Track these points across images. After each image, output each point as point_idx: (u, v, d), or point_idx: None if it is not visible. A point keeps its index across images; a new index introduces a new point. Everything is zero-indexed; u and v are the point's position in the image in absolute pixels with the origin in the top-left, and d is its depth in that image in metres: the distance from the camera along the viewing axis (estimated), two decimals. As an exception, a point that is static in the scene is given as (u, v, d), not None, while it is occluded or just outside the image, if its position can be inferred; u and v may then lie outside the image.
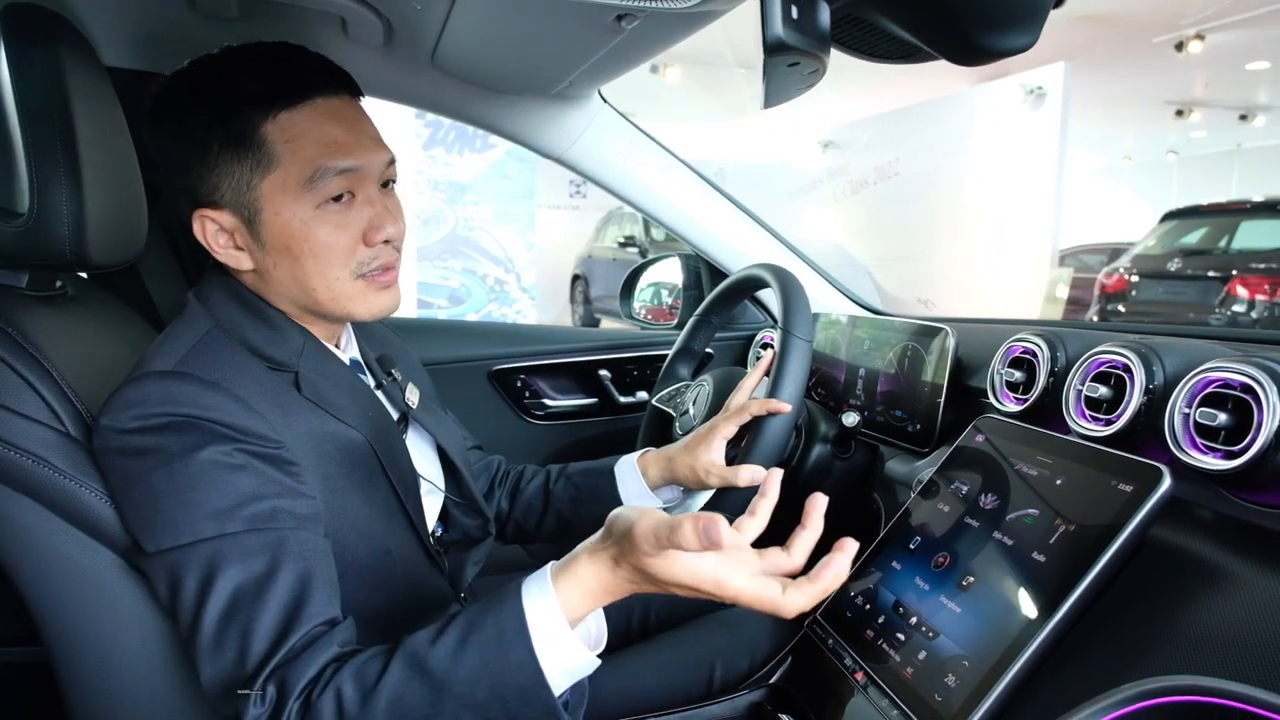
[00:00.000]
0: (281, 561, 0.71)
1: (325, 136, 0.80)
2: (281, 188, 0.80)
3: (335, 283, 0.83)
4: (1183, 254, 6.34)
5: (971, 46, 0.67)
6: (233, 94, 0.79)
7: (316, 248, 0.81)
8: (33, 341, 0.81)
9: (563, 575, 0.67)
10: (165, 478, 0.72)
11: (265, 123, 0.78)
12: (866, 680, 0.81)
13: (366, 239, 0.83)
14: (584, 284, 9.29)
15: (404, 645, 0.67)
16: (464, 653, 0.65)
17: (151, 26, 1.14)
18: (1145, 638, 0.66)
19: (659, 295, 1.88)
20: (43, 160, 0.82)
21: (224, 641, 0.69)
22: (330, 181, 0.80)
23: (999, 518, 0.82)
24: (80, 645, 0.84)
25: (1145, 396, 0.82)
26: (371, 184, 0.84)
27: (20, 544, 0.81)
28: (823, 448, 1.18)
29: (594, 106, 1.41)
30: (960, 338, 1.16)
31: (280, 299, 0.86)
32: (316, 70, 0.82)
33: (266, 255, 0.82)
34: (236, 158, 0.79)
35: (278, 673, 0.67)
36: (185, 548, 0.70)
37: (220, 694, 0.69)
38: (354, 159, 0.81)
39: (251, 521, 0.71)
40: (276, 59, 0.82)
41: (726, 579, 0.65)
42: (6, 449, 0.77)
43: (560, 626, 0.66)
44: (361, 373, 0.95)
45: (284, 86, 0.79)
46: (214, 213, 0.81)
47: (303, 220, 0.80)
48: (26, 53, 0.82)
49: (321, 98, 0.81)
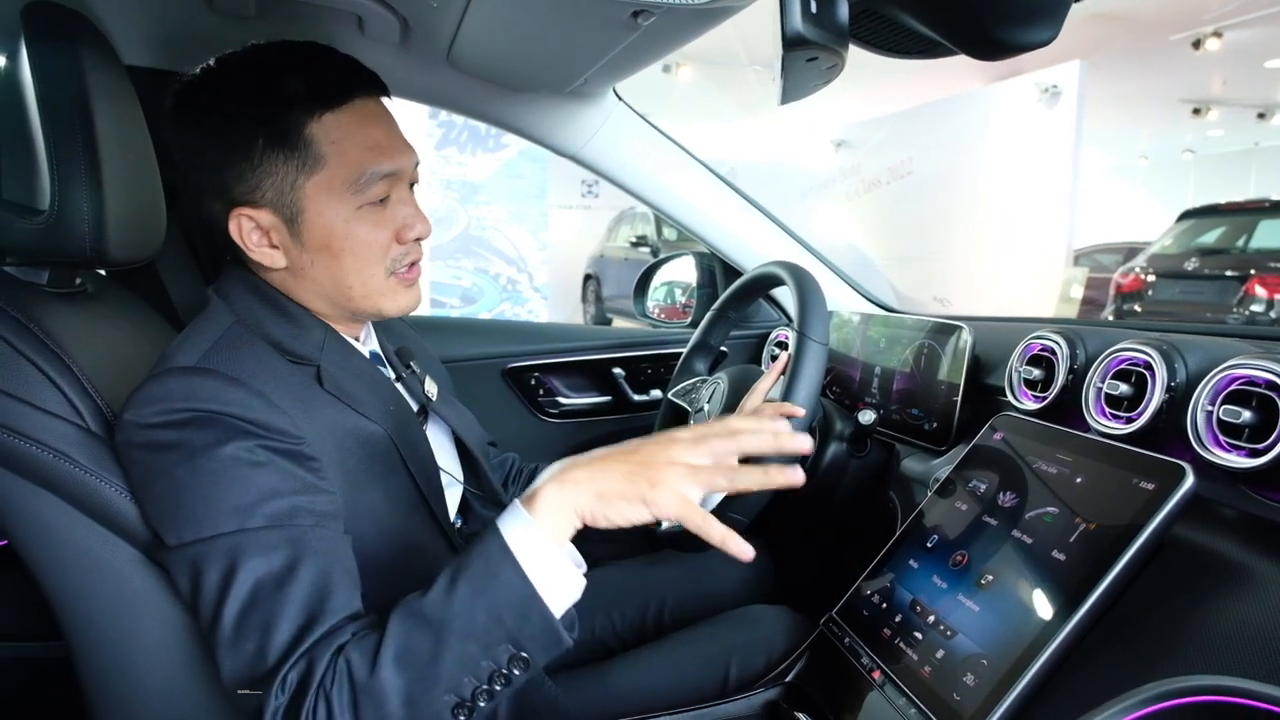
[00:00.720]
0: (302, 557, 0.71)
1: (369, 139, 0.82)
2: (326, 188, 0.81)
3: (370, 279, 0.85)
4: (1200, 253, 6.29)
5: (992, 41, 0.66)
6: (276, 93, 0.79)
7: (356, 246, 0.83)
8: (54, 337, 0.82)
9: (530, 500, 0.70)
10: (188, 472, 0.72)
11: (310, 123, 0.79)
12: (884, 679, 0.81)
13: (399, 237, 0.86)
14: (596, 283, 9.29)
15: (397, 607, 0.69)
16: (455, 589, 0.68)
17: (170, 25, 1.15)
18: (1167, 637, 0.65)
19: (673, 294, 1.87)
20: (64, 158, 0.82)
21: (244, 634, 0.69)
22: (375, 185, 0.82)
23: (1017, 516, 0.82)
24: (100, 640, 0.85)
25: (1167, 394, 0.81)
26: (405, 185, 0.87)
27: (41, 539, 0.82)
28: (838, 446, 1.18)
29: (609, 104, 1.41)
30: (977, 335, 1.15)
31: (309, 296, 0.86)
32: (352, 71, 0.84)
33: (304, 253, 0.83)
34: (281, 157, 0.79)
35: (299, 663, 0.67)
36: (206, 541, 0.71)
37: (241, 686, 0.70)
38: (395, 162, 0.83)
39: (272, 518, 0.72)
40: (311, 58, 0.82)
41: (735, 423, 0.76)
42: (29, 444, 0.78)
43: (539, 538, 0.69)
44: (382, 365, 0.96)
45: (325, 87, 0.80)
46: (253, 211, 0.81)
47: (345, 220, 0.82)
48: (48, 51, 0.83)
49: (360, 99, 0.82)
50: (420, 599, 0.68)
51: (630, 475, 0.70)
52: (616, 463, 0.71)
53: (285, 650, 0.68)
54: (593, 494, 0.69)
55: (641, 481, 0.69)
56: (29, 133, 0.84)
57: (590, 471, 0.71)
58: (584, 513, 0.70)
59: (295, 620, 0.69)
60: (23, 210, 0.84)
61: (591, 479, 0.70)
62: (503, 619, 0.67)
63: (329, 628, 0.69)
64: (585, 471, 0.71)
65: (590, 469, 0.71)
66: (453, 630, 0.67)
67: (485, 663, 0.67)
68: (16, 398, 0.78)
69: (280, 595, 0.69)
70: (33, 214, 0.83)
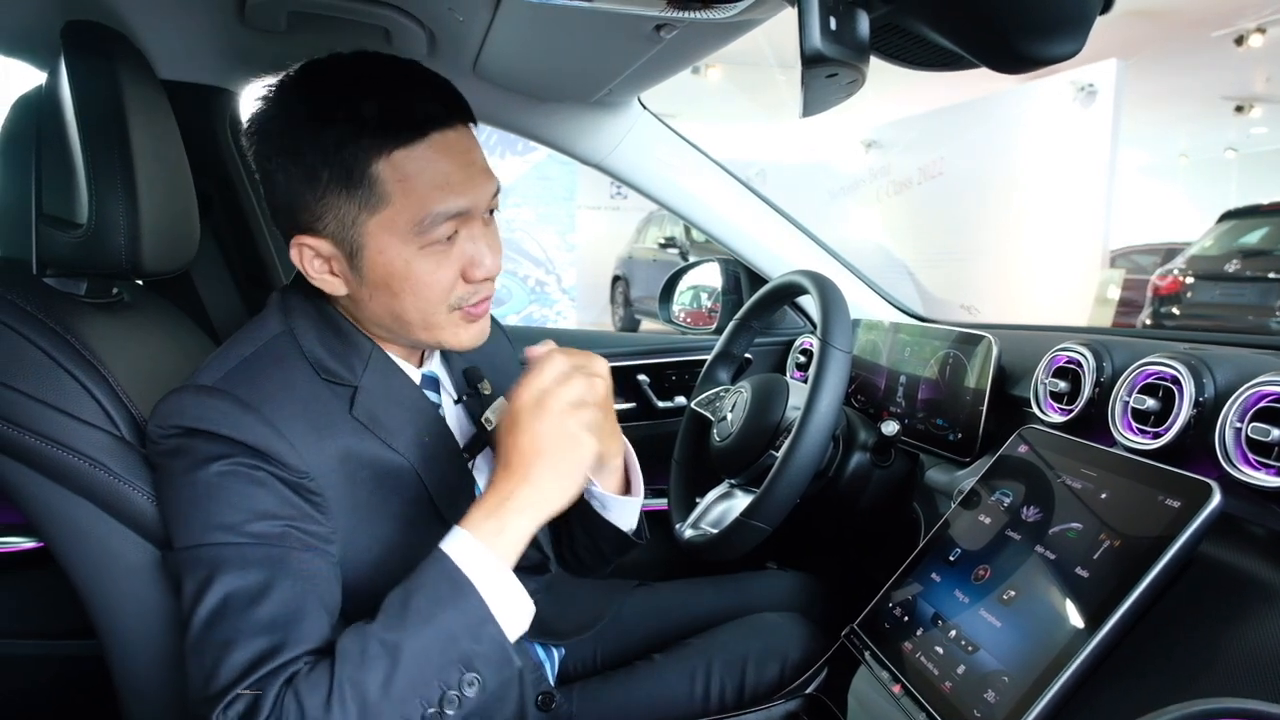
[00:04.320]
0: (278, 579, 0.71)
1: (438, 176, 0.76)
2: (389, 228, 0.76)
3: (431, 315, 0.81)
4: (1242, 255, 6.13)
5: (1015, 54, 0.65)
6: (348, 123, 0.74)
7: (417, 286, 0.79)
8: (90, 348, 0.84)
9: (478, 524, 0.74)
10: (188, 483, 0.74)
11: (378, 159, 0.74)
12: (904, 693, 0.81)
13: (466, 275, 0.81)
14: (624, 285, 9.30)
15: (346, 634, 0.70)
16: (408, 612, 0.69)
17: (203, 40, 1.17)
18: (1193, 657, 0.64)
19: (698, 298, 1.87)
20: (101, 173, 0.84)
21: (205, 646, 0.69)
22: (440, 226, 0.77)
23: (1041, 531, 0.81)
24: (129, 639, 0.88)
25: (1195, 410, 0.80)
26: (478, 220, 0.81)
27: (75, 542, 0.85)
28: (862, 456, 1.17)
29: (634, 113, 1.41)
30: (1003, 345, 1.14)
31: (369, 323, 0.85)
32: (436, 100, 0.77)
33: (364, 288, 0.80)
34: (345, 193, 0.75)
35: (244, 697, 0.67)
36: (192, 549, 0.73)
37: (194, 694, 0.70)
38: (465, 200, 0.78)
39: (258, 537, 0.72)
40: (395, 83, 0.77)
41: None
42: (66, 453, 0.81)
43: (491, 561, 0.72)
44: (434, 390, 0.93)
45: (401, 120, 0.75)
46: (314, 240, 0.78)
47: (406, 260, 0.78)
48: (86, 69, 0.85)
49: (438, 132, 0.76)
50: (370, 625, 0.69)
51: (561, 473, 0.75)
52: (540, 466, 0.74)
53: (238, 675, 0.67)
54: (544, 513, 0.75)
55: (569, 472, 0.75)
56: (68, 148, 0.86)
57: (530, 489, 0.74)
58: (535, 529, 0.75)
59: (255, 645, 0.68)
60: (62, 223, 0.86)
61: (539, 500, 0.75)
62: (457, 640, 0.69)
63: (285, 660, 0.69)
64: (526, 492, 0.74)
65: (529, 486, 0.74)
66: (405, 653, 0.67)
67: (437, 684, 0.68)
68: (56, 408, 0.81)
69: (246, 615, 0.69)
70: (71, 227, 0.86)
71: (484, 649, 0.70)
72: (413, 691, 0.67)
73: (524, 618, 0.74)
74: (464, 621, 0.70)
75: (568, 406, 0.76)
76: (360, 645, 0.68)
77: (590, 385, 0.78)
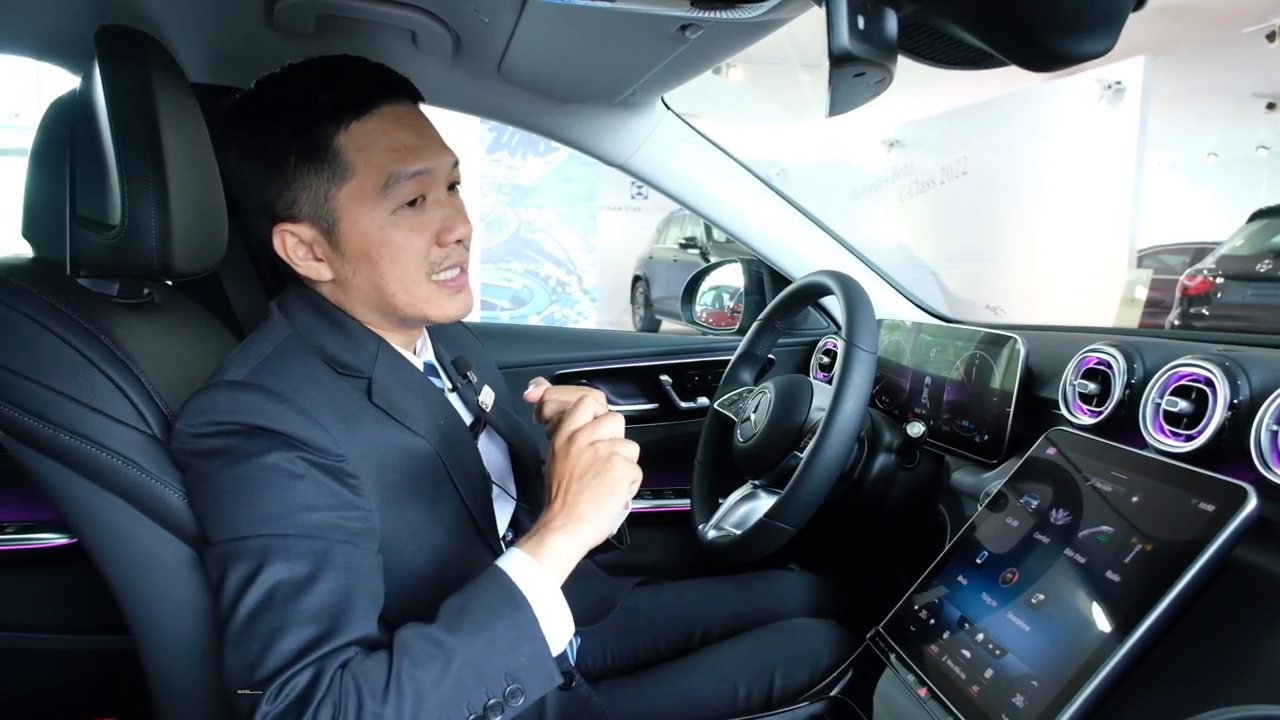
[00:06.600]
0: (324, 570, 0.73)
1: (395, 142, 0.83)
2: (358, 196, 0.83)
3: (412, 285, 0.86)
4: (1274, 255, 6.02)
5: (1046, 52, 0.65)
6: (306, 108, 0.82)
7: (393, 252, 0.84)
8: (123, 347, 0.85)
9: (537, 545, 0.77)
10: (229, 478, 0.75)
11: (338, 134, 0.82)
12: (930, 696, 0.80)
13: (439, 239, 0.86)
14: (645, 285, 9.30)
15: (404, 631, 0.72)
16: (464, 620, 0.72)
17: (233, 44, 1.19)
18: (1227, 665, 0.63)
19: (720, 299, 1.87)
20: (134, 175, 0.86)
21: (252, 634, 0.70)
22: (403, 186, 0.83)
23: (1071, 534, 0.80)
24: (161, 634, 0.89)
25: (1229, 412, 0.79)
26: (440, 186, 0.87)
27: (108, 539, 0.86)
28: (887, 458, 1.17)
29: (657, 114, 1.41)
30: (1031, 346, 1.13)
31: (359, 306, 0.88)
32: (380, 79, 0.85)
33: (346, 264, 0.85)
34: (313, 170, 0.82)
35: (304, 673, 0.68)
36: (236, 541, 0.74)
37: (239, 685, 0.71)
38: (424, 161, 0.84)
39: (302, 528, 0.74)
40: (341, 71, 0.85)
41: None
42: (99, 450, 0.82)
43: (547, 580, 0.76)
44: (435, 376, 0.97)
45: (352, 97, 0.82)
46: (293, 226, 0.84)
47: (379, 226, 0.83)
48: (119, 73, 0.87)
49: (388, 105, 0.84)
50: (428, 626, 0.72)
51: (604, 503, 0.78)
52: (586, 498, 0.78)
53: (289, 659, 0.69)
54: (590, 539, 0.79)
55: (613, 502, 0.78)
56: (101, 151, 0.87)
57: (577, 521, 0.78)
58: (581, 554, 0.79)
59: (304, 632, 0.70)
60: (95, 225, 0.88)
61: (596, 523, 0.78)
62: (506, 652, 0.71)
63: (336, 645, 0.70)
64: (575, 521, 0.78)
65: (578, 515, 0.78)
66: (459, 657, 0.70)
67: (481, 694, 0.70)
68: (89, 407, 0.82)
69: (295, 603, 0.71)
70: (104, 229, 0.87)
71: (530, 663, 0.72)
72: (460, 695, 0.69)
73: (566, 635, 0.77)
74: (515, 634, 0.72)
75: (608, 442, 0.80)
76: (419, 641, 0.70)
77: (618, 421, 0.82)
